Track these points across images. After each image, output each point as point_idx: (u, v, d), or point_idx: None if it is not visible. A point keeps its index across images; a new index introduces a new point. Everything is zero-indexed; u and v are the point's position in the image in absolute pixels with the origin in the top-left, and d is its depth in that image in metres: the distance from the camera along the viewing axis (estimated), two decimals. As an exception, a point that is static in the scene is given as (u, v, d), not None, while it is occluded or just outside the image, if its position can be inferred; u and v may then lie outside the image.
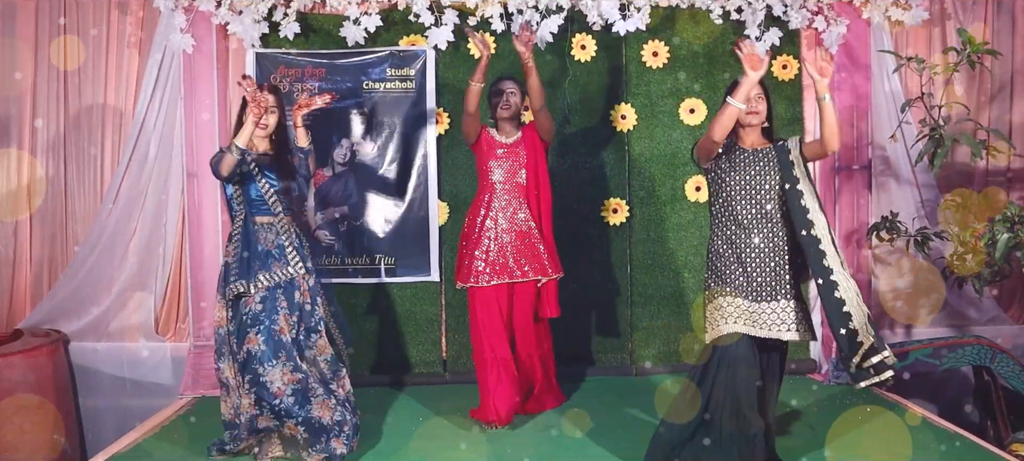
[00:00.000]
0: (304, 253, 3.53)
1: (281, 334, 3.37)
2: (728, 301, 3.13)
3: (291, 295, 3.44)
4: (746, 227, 3.16)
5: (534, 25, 4.52)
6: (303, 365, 3.39)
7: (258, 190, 3.47)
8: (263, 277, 3.40)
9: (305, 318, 3.48)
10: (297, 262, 3.46)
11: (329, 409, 3.39)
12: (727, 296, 3.14)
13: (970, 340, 4.31)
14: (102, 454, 3.57)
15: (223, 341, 3.46)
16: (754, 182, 3.17)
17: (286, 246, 3.47)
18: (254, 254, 3.42)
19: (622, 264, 4.74)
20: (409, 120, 4.66)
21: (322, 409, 3.38)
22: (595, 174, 4.72)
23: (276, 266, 3.44)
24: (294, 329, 3.43)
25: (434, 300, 4.71)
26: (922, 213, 4.73)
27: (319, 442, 3.37)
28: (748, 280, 3.14)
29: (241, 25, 4.48)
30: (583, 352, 4.72)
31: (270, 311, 3.38)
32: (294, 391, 3.33)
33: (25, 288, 4.71)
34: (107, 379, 4.63)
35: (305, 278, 3.49)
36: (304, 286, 3.49)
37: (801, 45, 4.75)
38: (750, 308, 3.13)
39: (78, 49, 4.65)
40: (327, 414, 3.39)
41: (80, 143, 4.68)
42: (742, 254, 3.16)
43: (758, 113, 3.20)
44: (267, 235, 3.47)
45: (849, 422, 3.82)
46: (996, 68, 4.76)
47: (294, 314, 3.44)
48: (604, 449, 3.52)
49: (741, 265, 3.15)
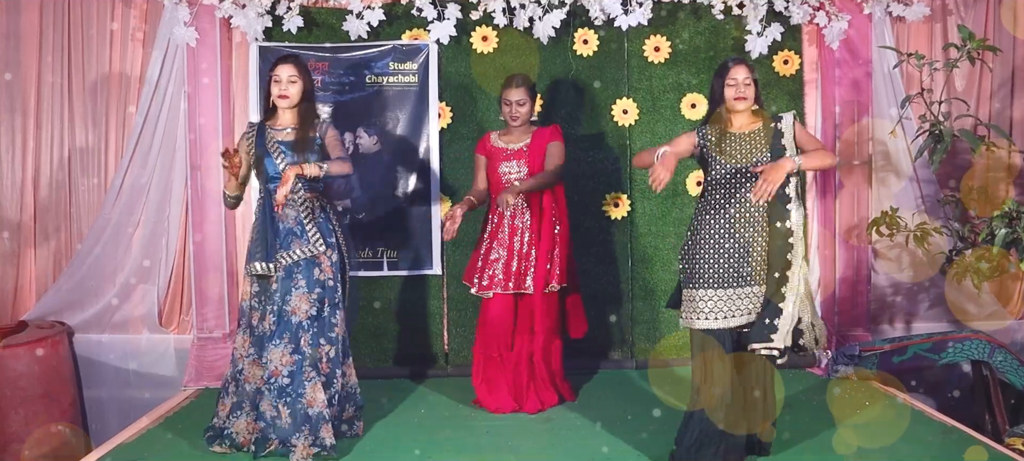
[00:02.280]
0: (328, 229, 3.48)
1: (292, 315, 3.36)
2: (701, 293, 3.16)
3: (310, 273, 3.41)
4: (730, 210, 3.17)
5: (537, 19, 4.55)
6: (306, 348, 3.36)
7: (275, 167, 3.43)
8: (283, 256, 3.38)
9: (328, 294, 3.44)
10: (317, 239, 3.42)
11: (321, 395, 3.34)
12: (700, 288, 3.16)
13: (969, 335, 4.33)
14: (106, 445, 3.60)
15: (243, 314, 3.48)
16: (742, 163, 3.19)
17: (306, 222, 3.42)
18: (274, 232, 3.39)
19: (623, 258, 4.76)
20: (411, 114, 4.67)
21: (314, 393, 3.33)
22: (596, 168, 4.74)
23: (296, 243, 3.41)
24: (315, 306, 3.39)
25: (436, 293, 4.74)
26: (922, 208, 4.75)
27: (302, 430, 3.30)
28: (722, 266, 3.15)
29: (244, 19, 4.49)
30: (584, 346, 4.73)
31: (284, 291, 3.38)
32: (290, 373, 3.33)
33: (30, 280, 4.73)
34: (111, 371, 4.65)
35: (327, 254, 3.44)
36: (325, 263, 3.44)
37: (802, 40, 4.76)
38: (723, 296, 3.15)
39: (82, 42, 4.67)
40: (319, 399, 3.33)
41: (84, 136, 4.69)
42: (720, 237, 3.17)
43: (746, 98, 3.22)
44: (286, 211, 3.42)
45: (847, 415, 3.84)
46: (997, 64, 4.77)
47: (314, 291, 3.40)
48: (605, 442, 3.55)
49: (717, 250, 3.16)
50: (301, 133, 3.45)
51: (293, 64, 3.47)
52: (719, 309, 3.15)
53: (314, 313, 3.39)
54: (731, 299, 3.15)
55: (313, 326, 3.39)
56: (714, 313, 3.15)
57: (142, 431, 3.74)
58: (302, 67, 3.51)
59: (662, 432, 3.56)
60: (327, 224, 3.50)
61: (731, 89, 3.23)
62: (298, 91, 3.47)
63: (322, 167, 3.36)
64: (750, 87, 3.23)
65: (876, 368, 4.41)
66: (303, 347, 3.37)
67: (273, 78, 3.46)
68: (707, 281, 3.17)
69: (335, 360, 3.46)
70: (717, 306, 3.15)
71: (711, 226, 3.20)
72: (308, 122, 3.48)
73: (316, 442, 3.32)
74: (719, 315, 3.15)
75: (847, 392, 4.21)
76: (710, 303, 3.16)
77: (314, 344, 3.39)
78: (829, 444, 3.46)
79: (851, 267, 4.75)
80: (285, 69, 3.45)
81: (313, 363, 3.37)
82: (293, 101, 3.46)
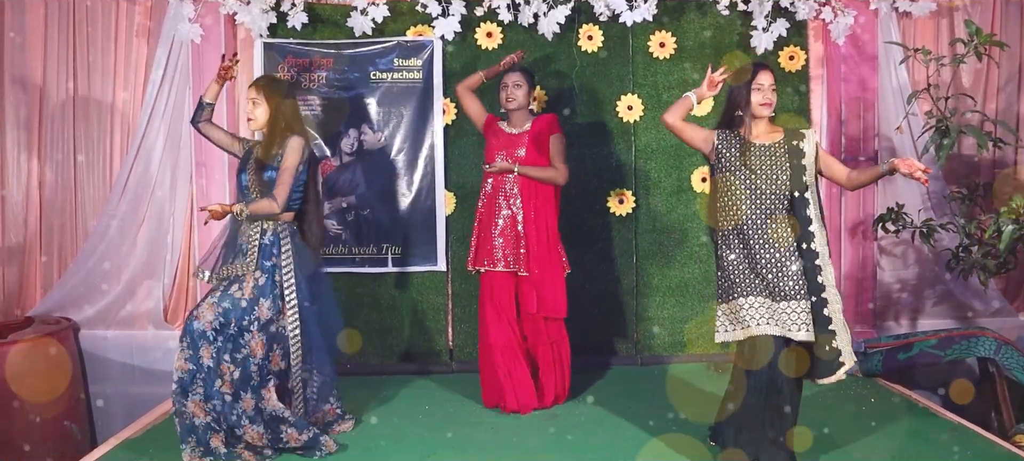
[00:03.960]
0: (274, 251, 3.41)
1: (195, 320, 3.33)
2: (745, 302, 3.09)
3: (229, 289, 3.38)
4: (755, 226, 3.11)
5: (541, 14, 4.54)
6: (206, 361, 3.30)
7: (244, 180, 3.49)
8: (224, 269, 3.41)
9: (235, 314, 3.34)
10: (252, 259, 3.39)
11: (202, 410, 3.29)
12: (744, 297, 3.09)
13: (975, 332, 4.32)
14: (112, 440, 3.61)
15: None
16: (765, 179, 3.12)
17: (253, 239, 3.41)
18: (228, 244, 3.46)
19: (628, 254, 4.76)
20: (416, 110, 4.67)
21: (197, 408, 3.29)
22: (601, 164, 4.73)
23: (238, 260, 3.42)
24: (218, 321, 3.32)
25: (441, 289, 4.74)
26: (928, 204, 4.73)
27: (185, 438, 3.30)
28: (764, 281, 3.09)
29: (249, 15, 4.49)
30: (589, 342, 4.73)
31: (205, 298, 3.42)
32: (180, 378, 3.31)
33: (35, 276, 4.74)
34: (116, 367, 4.66)
35: (254, 274, 3.38)
36: (249, 284, 3.37)
37: (808, 36, 4.75)
38: (770, 306, 3.08)
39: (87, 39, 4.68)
40: (201, 414, 3.29)
41: (89, 132, 4.70)
42: (754, 256, 3.10)
43: (770, 104, 3.16)
44: (245, 227, 3.44)
45: (852, 413, 3.84)
46: (1003, 60, 4.75)
47: (223, 304, 3.34)
48: (610, 438, 3.55)
49: (753, 268, 3.10)
50: (264, 152, 3.47)
51: (255, 85, 3.52)
52: (764, 316, 3.07)
53: (217, 327, 3.33)
54: (777, 310, 3.07)
55: (239, 341, 3.34)
56: (760, 320, 3.06)
57: (147, 427, 3.76)
58: (270, 88, 3.51)
59: (666, 428, 3.56)
60: (275, 247, 3.43)
61: (758, 94, 3.14)
62: (263, 114, 3.48)
63: (244, 210, 3.31)
64: (775, 93, 3.17)
65: (882, 365, 4.40)
66: (202, 359, 3.31)
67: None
68: (750, 288, 3.09)
69: (238, 382, 3.33)
70: (762, 313, 3.07)
71: (746, 238, 3.11)
72: (272, 143, 3.46)
73: (206, 452, 3.30)
74: (763, 322, 3.06)
75: (852, 389, 4.20)
76: (756, 310, 3.08)
77: (216, 360, 3.32)
78: (834, 442, 3.45)
79: (857, 264, 4.74)
80: (249, 90, 3.51)
81: (232, 378, 3.32)
82: (258, 124, 3.51)
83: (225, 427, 3.34)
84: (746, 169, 3.15)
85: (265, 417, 3.36)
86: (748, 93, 3.16)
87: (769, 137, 3.20)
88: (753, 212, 3.12)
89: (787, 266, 3.09)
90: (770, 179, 3.13)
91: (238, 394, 3.33)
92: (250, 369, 3.34)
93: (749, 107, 3.17)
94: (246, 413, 3.33)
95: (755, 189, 3.13)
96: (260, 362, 3.36)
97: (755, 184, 3.13)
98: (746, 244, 3.12)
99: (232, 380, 3.32)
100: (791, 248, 3.10)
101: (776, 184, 3.13)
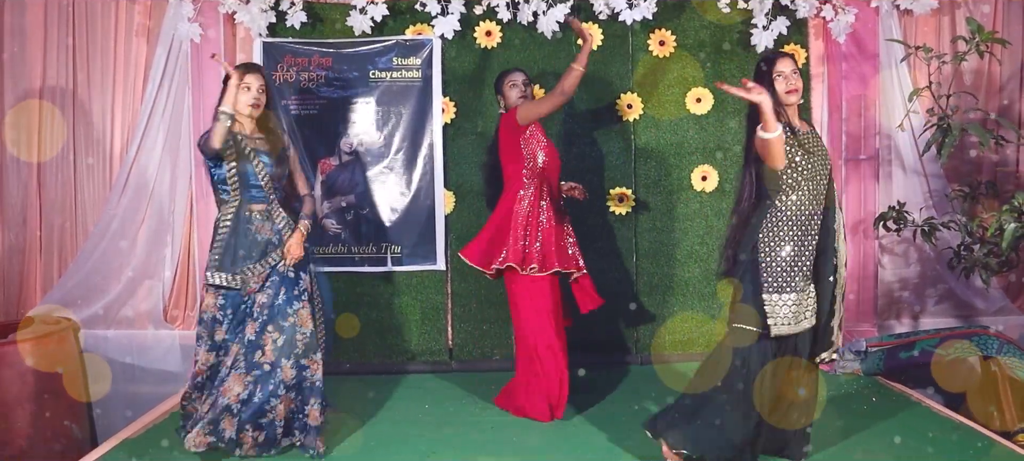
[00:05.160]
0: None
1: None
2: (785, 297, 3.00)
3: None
4: (814, 212, 3.04)
5: (540, 14, 4.53)
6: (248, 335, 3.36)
7: (254, 173, 3.42)
8: (259, 266, 3.38)
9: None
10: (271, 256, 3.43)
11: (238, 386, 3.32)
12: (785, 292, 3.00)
13: (977, 330, 4.30)
14: (112, 440, 3.61)
15: (207, 327, 3.42)
16: (820, 164, 3.04)
17: (284, 231, 3.45)
18: (243, 243, 3.39)
19: (628, 253, 4.75)
20: (415, 109, 4.67)
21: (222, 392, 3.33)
22: (601, 163, 4.72)
23: (273, 252, 3.42)
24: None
25: (440, 289, 4.73)
26: (930, 203, 4.72)
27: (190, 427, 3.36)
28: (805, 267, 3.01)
29: (248, 14, 4.49)
30: (589, 341, 4.72)
31: (287, 301, 3.38)
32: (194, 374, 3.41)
33: (36, 276, 4.74)
34: (117, 366, 4.66)
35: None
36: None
37: (809, 34, 4.73)
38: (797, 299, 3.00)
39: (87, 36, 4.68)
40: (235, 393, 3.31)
41: (88, 132, 4.70)
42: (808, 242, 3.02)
43: (797, 90, 3.05)
44: (263, 222, 3.43)
45: (854, 411, 3.82)
46: (1005, 57, 4.73)
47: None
48: (610, 438, 3.54)
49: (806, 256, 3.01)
50: (272, 143, 3.47)
51: (261, 74, 3.47)
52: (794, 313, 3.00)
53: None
54: (801, 302, 3.02)
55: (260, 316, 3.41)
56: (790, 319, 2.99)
57: (147, 426, 3.75)
58: (268, 78, 3.56)
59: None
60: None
61: (781, 82, 3.03)
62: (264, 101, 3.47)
63: (308, 225, 3.52)
64: (798, 77, 3.06)
65: (883, 364, 4.38)
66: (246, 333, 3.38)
67: (242, 84, 3.40)
68: (792, 284, 3.00)
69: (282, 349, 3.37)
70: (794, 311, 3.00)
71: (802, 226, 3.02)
72: (275, 131, 3.50)
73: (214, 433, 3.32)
74: (793, 320, 3.00)
75: (854, 388, 4.19)
76: (790, 308, 3.00)
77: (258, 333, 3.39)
78: (836, 440, 3.44)
79: (858, 262, 4.73)
80: (256, 79, 3.43)
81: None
82: (260, 111, 3.47)
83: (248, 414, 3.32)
84: (802, 151, 3.01)
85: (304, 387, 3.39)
86: (771, 83, 3.03)
87: (803, 126, 3.12)
88: (813, 197, 3.03)
89: (827, 251, 3.06)
90: (824, 164, 3.05)
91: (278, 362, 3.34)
92: (295, 337, 3.37)
93: (775, 97, 3.02)
94: (284, 382, 3.34)
95: (814, 175, 3.03)
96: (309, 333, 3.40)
97: (814, 169, 3.03)
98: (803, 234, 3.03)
99: (275, 348, 3.33)
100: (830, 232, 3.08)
101: (826, 170, 3.08)
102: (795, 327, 3.01)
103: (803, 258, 3.02)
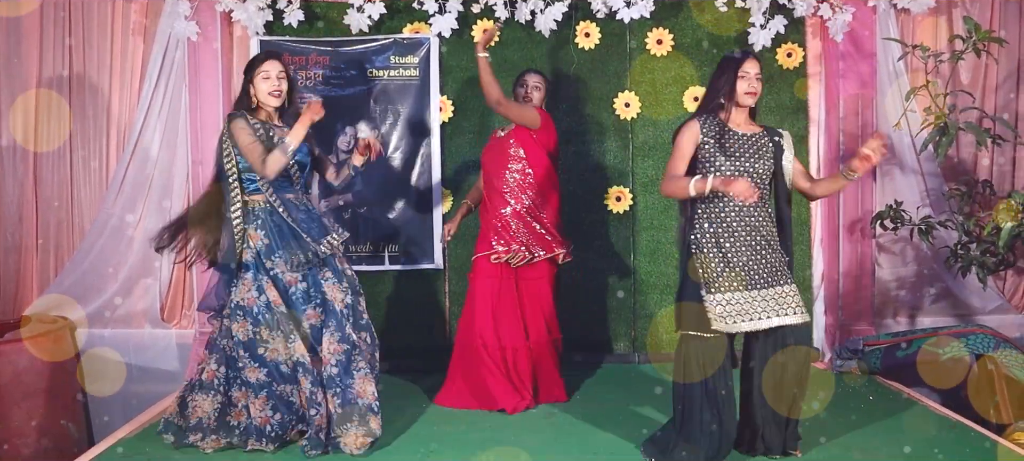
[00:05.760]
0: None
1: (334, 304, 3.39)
2: (718, 297, 3.03)
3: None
4: (741, 213, 3.06)
5: (539, 12, 4.53)
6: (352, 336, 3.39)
7: (305, 160, 3.43)
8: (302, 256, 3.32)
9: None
10: (334, 232, 3.42)
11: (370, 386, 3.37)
12: (720, 291, 3.04)
13: (974, 329, 4.31)
14: (108, 439, 3.60)
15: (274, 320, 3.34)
16: (751, 169, 3.07)
17: (322, 218, 3.45)
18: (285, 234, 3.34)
19: (625, 252, 4.75)
20: (413, 108, 4.66)
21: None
22: (598, 162, 4.72)
23: (312, 242, 3.34)
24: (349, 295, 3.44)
25: (438, 287, 4.73)
26: (927, 202, 4.72)
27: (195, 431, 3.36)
28: (742, 270, 3.04)
29: (245, 13, 4.48)
30: (587, 340, 4.73)
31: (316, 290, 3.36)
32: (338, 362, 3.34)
33: (32, 275, 4.73)
34: (114, 365, 4.65)
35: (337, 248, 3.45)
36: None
37: (806, 33, 4.74)
38: (755, 297, 3.04)
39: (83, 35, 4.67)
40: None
41: (85, 131, 4.69)
42: (736, 244, 3.06)
43: (757, 94, 3.11)
44: (296, 213, 3.38)
45: (851, 410, 3.83)
46: (1002, 56, 4.73)
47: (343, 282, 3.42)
48: (608, 437, 3.54)
49: (733, 256, 3.05)
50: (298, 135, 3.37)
51: (279, 60, 3.41)
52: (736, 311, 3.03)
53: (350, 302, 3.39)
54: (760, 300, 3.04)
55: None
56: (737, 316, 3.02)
57: (144, 425, 3.74)
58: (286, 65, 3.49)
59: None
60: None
61: (743, 82, 3.09)
62: (287, 87, 3.42)
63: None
64: (760, 83, 3.12)
65: (880, 362, 4.39)
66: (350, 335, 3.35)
67: (261, 74, 3.35)
68: (719, 285, 3.04)
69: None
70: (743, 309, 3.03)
71: (719, 229, 3.06)
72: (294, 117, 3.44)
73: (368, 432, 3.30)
74: (726, 320, 3.03)
75: (851, 387, 4.20)
76: (724, 308, 3.03)
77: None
78: (832, 439, 3.44)
79: (855, 261, 4.73)
80: (275, 65, 3.36)
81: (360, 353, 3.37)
82: (282, 99, 3.40)
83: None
84: (723, 156, 3.07)
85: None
86: (734, 80, 3.10)
87: (747, 128, 3.16)
88: (738, 203, 3.04)
89: (765, 255, 3.07)
90: (754, 168, 3.08)
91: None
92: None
93: (734, 95, 3.11)
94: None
95: (741, 174, 3.06)
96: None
97: (736, 172, 3.06)
98: (725, 234, 3.07)
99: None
100: (773, 229, 3.10)
101: (761, 168, 3.09)
102: (731, 327, 3.02)
103: (735, 259, 3.04)
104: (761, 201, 3.08)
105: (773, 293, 3.06)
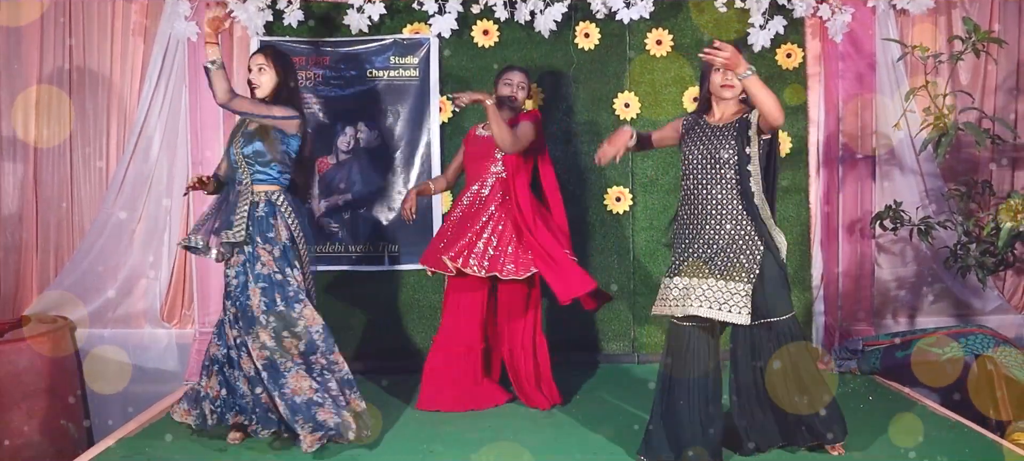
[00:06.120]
0: (259, 224, 3.43)
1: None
2: (676, 281, 3.08)
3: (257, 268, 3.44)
4: (702, 202, 3.10)
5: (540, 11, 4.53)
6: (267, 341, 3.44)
7: (232, 154, 3.57)
8: (224, 234, 3.42)
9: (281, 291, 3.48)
10: (240, 229, 3.40)
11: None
12: (679, 275, 3.08)
13: (973, 329, 4.31)
14: (108, 439, 3.60)
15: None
16: (710, 156, 3.08)
17: (232, 215, 3.44)
18: (222, 210, 3.49)
19: (624, 252, 4.75)
20: (412, 108, 4.66)
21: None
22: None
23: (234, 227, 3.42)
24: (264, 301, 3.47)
25: (437, 288, 4.73)
26: (926, 202, 4.72)
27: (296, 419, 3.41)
28: (700, 257, 3.06)
29: (245, 13, 4.48)
30: (585, 340, 4.73)
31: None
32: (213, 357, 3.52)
33: (31, 275, 4.73)
34: (113, 365, 4.65)
35: (265, 248, 3.42)
36: (267, 257, 3.43)
37: (805, 33, 4.74)
38: (699, 285, 3.04)
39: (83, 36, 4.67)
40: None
41: (85, 130, 4.69)
42: (698, 230, 3.10)
43: (733, 86, 3.08)
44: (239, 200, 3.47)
45: (851, 410, 3.82)
46: (1002, 57, 4.74)
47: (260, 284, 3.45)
48: (606, 438, 3.54)
49: (694, 241, 3.09)
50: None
51: (261, 53, 3.52)
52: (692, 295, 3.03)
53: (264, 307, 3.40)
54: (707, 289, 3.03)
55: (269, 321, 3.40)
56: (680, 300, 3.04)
57: (144, 425, 3.75)
58: (278, 57, 3.52)
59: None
60: (255, 219, 3.44)
61: (718, 75, 3.09)
62: (269, 81, 3.47)
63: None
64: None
65: (879, 363, 4.39)
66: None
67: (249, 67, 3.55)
68: (678, 269, 3.09)
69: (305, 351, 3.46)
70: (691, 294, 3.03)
71: (685, 216, 3.16)
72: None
73: (317, 427, 3.32)
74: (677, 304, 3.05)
75: (850, 387, 4.20)
76: (680, 291, 3.05)
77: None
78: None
79: (854, 261, 4.74)
80: (256, 58, 3.52)
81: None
82: (264, 92, 3.48)
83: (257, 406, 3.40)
84: (690, 145, 3.15)
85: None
86: (710, 74, 3.11)
87: (729, 119, 3.14)
88: (695, 187, 3.11)
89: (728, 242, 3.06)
90: (713, 155, 3.07)
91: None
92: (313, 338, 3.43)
93: (711, 88, 3.14)
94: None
95: (701, 162, 3.10)
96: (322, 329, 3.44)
97: (701, 157, 3.10)
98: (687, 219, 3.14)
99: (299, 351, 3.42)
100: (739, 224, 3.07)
101: (722, 156, 3.07)
102: (677, 310, 3.05)
103: (692, 247, 3.09)
104: (726, 192, 3.08)
105: (722, 286, 3.03)
